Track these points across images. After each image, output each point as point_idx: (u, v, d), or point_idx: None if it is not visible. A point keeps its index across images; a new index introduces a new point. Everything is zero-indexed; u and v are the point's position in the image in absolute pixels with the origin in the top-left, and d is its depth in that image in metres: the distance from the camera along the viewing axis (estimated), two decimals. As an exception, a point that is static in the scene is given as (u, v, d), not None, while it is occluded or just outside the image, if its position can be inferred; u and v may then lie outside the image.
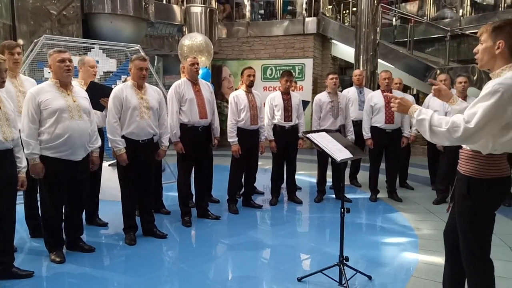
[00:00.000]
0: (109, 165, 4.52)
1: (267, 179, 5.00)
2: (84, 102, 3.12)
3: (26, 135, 2.85)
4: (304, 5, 10.34)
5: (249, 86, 4.39)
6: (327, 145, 2.45)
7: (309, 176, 6.14)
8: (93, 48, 5.18)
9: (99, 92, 3.56)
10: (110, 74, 5.28)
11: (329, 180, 5.17)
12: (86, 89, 3.48)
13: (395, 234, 3.79)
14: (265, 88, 10.10)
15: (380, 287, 2.73)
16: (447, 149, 4.59)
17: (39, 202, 3.13)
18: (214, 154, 4.87)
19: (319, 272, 2.73)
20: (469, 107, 1.77)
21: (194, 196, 4.28)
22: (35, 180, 3.03)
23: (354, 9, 9.31)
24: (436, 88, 2.07)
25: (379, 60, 8.12)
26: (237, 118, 4.31)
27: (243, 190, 4.76)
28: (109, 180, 4.28)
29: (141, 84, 3.40)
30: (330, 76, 4.85)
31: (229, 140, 4.30)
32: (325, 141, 2.48)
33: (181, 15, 9.32)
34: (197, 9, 9.09)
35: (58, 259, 3.02)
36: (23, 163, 2.80)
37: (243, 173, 4.59)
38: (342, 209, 2.61)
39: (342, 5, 11.21)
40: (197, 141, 3.94)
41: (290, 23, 10.40)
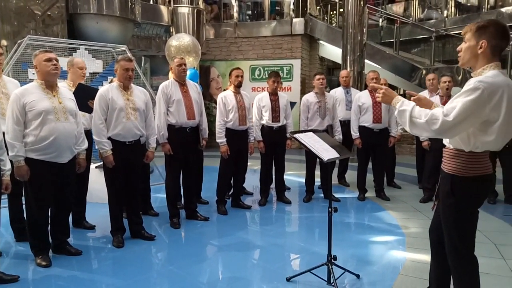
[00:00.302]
0: (96, 167, 4.47)
1: (256, 180, 5.01)
2: (70, 104, 3.08)
3: (11, 137, 2.81)
4: (292, 6, 10.38)
5: (237, 87, 4.38)
6: (314, 145, 2.46)
7: (298, 176, 6.16)
8: (79, 49, 5.12)
9: (87, 94, 3.52)
10: (96, 75, 5.22)
11: (318, 180, 5.19)
12: (74, 91, 3.45)
13: (383, 233, 3.83)
14: (254, 89, 10.11)
15: (368, 286, 2.75)
16: (433, 148, 4.66)
17: (24, 205, 3.08)
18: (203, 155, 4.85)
19: (308, 272, 2.75)
20: (450, 102, 1.82)
21: (183, 198, 4.26)
22: (20, 183, 2.98)
23: (341, 10, 9.38)
24: (416, 98, 2.09)
25: (366, 61, 8.20)
26: (226, 119, 4.31)
27: (232, 191, 4.76)
28: (96, 182, 4.23)
29: (127, 85, 3.38)
30: (317, 77, 4.88)
31: (218, 141, 4.29)
32: (312, 141, 2.49)
33: (168, 16, 9.27)
34: (185, 10, 9.05)
35: (44, 263, 2.97)
36: (7, 166, 2.75)
37: (232, 174, 4.58)
38: (330, 209, 2.63)
39: (329, 6, 11.29)
40: (185, 142, 3.92)
41: (278, 24, 10.43)
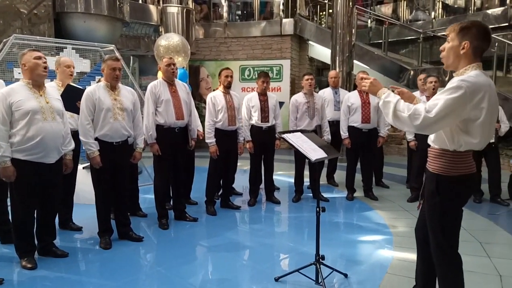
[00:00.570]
0: (83, 168, 4.42)
1: (246, 180, 5.01)
2: (57, 104, 3.05)
3: (-3, 137, 2.76)
4: (281, 7, 10.40)
5: (227, 87, 4.38)
6: (302, 145, 2.47)
7: (288, 176, 6.18)
8: (66, 48, 5.06)
9: (76, 95, 3.47)
10: (84, 75, 5.17)
11: (307, 180, 5.21)
12: (63, 92, 3.41)
13: (371, 232, 3.86)
14: (244, 89, 10.10)
15: (356, 285, 2.77)
16: (420, 148, 4.72)
17: (10, 207, 3.03)
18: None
19: (296, 272, 2.75)
20: (432, 99, 1.84)
21: (172, 198, 4.24)
22: (6, 184, 2.94)
23: (330, 11, 9.43)
24: (399, 91, 2.12)
25: (355, 61, 8.26)
26: (215, 119, 4.30)
27: (221, 192, 4.75)
28: (83, 183, 4.18)
29: (115, 85, 3.35)
30: (306, 77, 4.90)
31: (207, 141, 4.28)
32: (300, 141, 2.50)
33: (157, 15, 9.21)
34: (174, 9, 9.00)
35: (30, 265, 2.93)
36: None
37: (222, 175, 4.57)
38: (318, 208, 2.64)
39: (319, 7, 11.34)
40: (174, 143, 3.91)
41: (268, 24, 10.44)
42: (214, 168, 4.44)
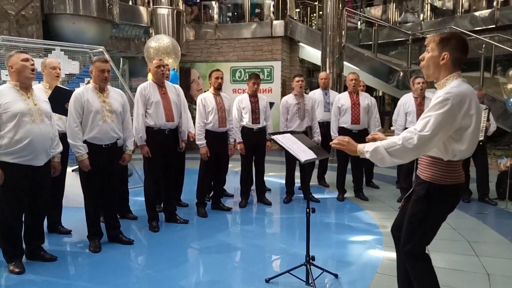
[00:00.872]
0: (72, 171, 4.38)
1: (237, 182, 5.00)
2: (45, 106, 3.02)
3: (-17, 140, 2.72)
4: (272, 8, 10.43)
5: (217, 89, 4.37)
6: (292, 146, 2.48)
7: (279, 178, 6.19)
8: (54, 50, 5.01)
9: (64, 97, 3.43)
10: (73, 77, 5.12)
11: (298, 181, 5.23)
12: (51, 94, 3.37)
13: (361, 232, 3.88)
14: (235, 91, 10.10)
15: (346, 285, 2.78)
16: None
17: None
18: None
19: (287, 273, 2.76)
20: (421, 117, 1.85)
21: (162, 200, 4.22)
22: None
23: (321, 13, 9.49)
24: (371, 138, 2.10)
25: (345, 63, 8.32)
26: (205, 121, 4.29)
27: (212, 193, 4.74)
28: (73, 186, 4.14)
29: (103, 87, 3.32)
30: (297, 79, 4.92)
31: (197, 143, 4.27)
32: (290, 143, 2.51)
33: (148, 17, 9.18)
34: (164, 11, 8.98)
35: (17, 270, 2.89)
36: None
37: (212, 176, 4.56)
38: (308, 209, 2.65)
39: (309, 9, 11.40)
40: (164, 145, 3.89)
41: (258, 26, 10.47)
42: (205, 170, 4.43)
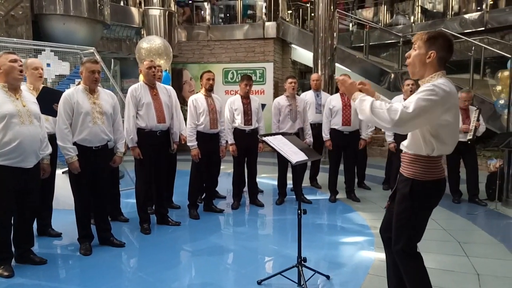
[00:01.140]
0: (63, 173, 4.33)
1: (229, 183, 4.99)
2: (34, 107, 2.99)
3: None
4: (264, 10, 10.45)
5: (209, 90, 4.37)
6: (283, 148, 2.48)
7: (271, 179, 6.19)
8: (44, 51, 4.96)
9: (53, 97, 3.40)
10: (63, 78, 5.08)
11: (290, 183, 5.23)
12: (39, 94, 3.33)
13: (353, 234, 3.90)
14: (227, 92, 10.09)
15: (338, 286, 2.79)
16: (399, 150, 4.79)
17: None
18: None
19: (279, 274, 2.76)
20: (408, 99, 1.90)
21: (154, 202, 4.20)
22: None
23: (313, 15, 9.52)
24: (365, 88, 2.13)
25: (337, 64, 8.36)
26: (196, 122, 4.28)
27: (204, 195, 4.72)
28: (63, 188, 4.10)
29: (94, 88, 3.29)
30: (289, 80, 4.92)
31: (189, 144, 4.26)
32: (281, 144, 2.51)
33: (139, 18, 9.13)
34: (156, 12, 8.93)
35: (6, 273, 2.84)
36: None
37: (204, 178, 4.55)
38: (299, 211, 2.65)
39: (301, 10, 11.44)
40: (155, 146, 3.87)
41: (250, 27, 10.47)
42: (196, 172, 4.41)
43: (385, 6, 11.20)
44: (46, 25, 6.56)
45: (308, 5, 10.95)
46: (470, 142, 4.77)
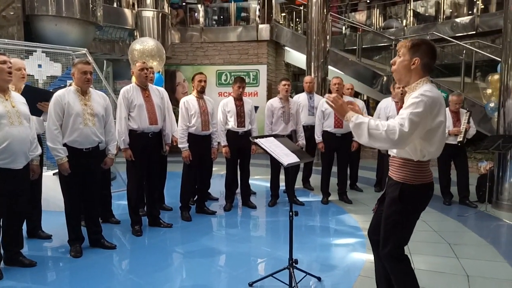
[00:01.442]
0: (54, 174, 4.30)
1: (222, 185, 4.99)
2: (24, 108, 2.97)
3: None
4: (258, 12, 10.47)
5: (200, 92, 4.36)
6: (275, 150, 2.49)
7: (264, 181, 6.19)
8: (35, 52, 4.92)
9: (36, 96, 3.35)
10: (55, 79, 5.04)
11: (283, 184, 5.24)
12: (21, 94, 3.29)
13: (345, 235, 3.91)
14: (220, 94, 10.09)
15: (329, 288, 2.80)
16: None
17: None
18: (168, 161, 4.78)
19: (270, 276, 2.76)
20: (399, 115, 1.92)
21: (146, 204, 4.18)
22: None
23: (306, 17, 9.56)
24: (356, 110, 2.10)
25: (330, 67, 8.40)
26: (188, 124, 4.27)
27: (197, 197, 4.71)
28: (54, 190, 4.06)
29: (85, 89, 3.27)
30: (283, 82, 4.94)
31: (180, 146, 4.25)
32: (273, 146, 2.52)
33: (132, 19, 9.11)
34: (149, 14, 8.92)
35: (-5, 276, 2.82)
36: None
37: (196, 180, 4.54)
38: (291, 213, 2.65)
39: (294, 13, 11.48)
40: (147, 148, 3.85)
41: (244, 30, 10.49)
42: (188, 173, 4.40)
43: (378, 10, 11.28)
44: (38, 26, 6.52)
45: (302, 8, 10.99)
46: (461, 145, 4.82)
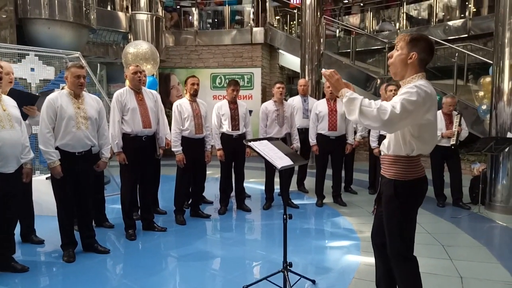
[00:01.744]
0: (46, 178, 4.26)
1: (217, 188, 4.98)
2: (15, 111, 2.95)
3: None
4: (252, 15, 10.50)
5: (193, 95, 4.35)
6: (268, 153, 2.49)
7: (259, 184, 6.19)
8: (28, 55, 4.90)
9: (22, 100, 3.32)
10: (48, 82, 5.01)
11: (277, 187, 5.24)
12: None
13: (339, 238, 3.92)
14: (215, 97, 10.08)
15: (324, 291, 2.80)
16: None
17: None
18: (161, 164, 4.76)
19: (265, 280, 2.75)
20: (392, 100, 1.92)
21: (139, 208, 4.16)
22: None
23: (300, 21, 9.60)
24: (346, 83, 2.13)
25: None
26: (181, 127, 4.26)
27: (191, 200, 4.69)
28: (47, 194, 4.02)
29: (78, 93, 3.26)
30: (278, 85, 4.95)
31: (173, 150, 4.23)
32: (267, 149, 2.52)
33: (126, 23, 9.09)
34: (143, 17, 8.91)
35: (-14, 282, 2.79)
36: None
37: (190, 183, 4.52)
38: (285, 216, 2.65)
39: (289, 16, 11.52)
40: (141, 151, 3.84)
41: (238, 33, 10.51)
42: (182, 177, 4.38)
43: (371, 13, 11.36)
44: (31, 29, 6.49)
45: (296, 11, 11.04)
46: (454, 147, 4.85)
